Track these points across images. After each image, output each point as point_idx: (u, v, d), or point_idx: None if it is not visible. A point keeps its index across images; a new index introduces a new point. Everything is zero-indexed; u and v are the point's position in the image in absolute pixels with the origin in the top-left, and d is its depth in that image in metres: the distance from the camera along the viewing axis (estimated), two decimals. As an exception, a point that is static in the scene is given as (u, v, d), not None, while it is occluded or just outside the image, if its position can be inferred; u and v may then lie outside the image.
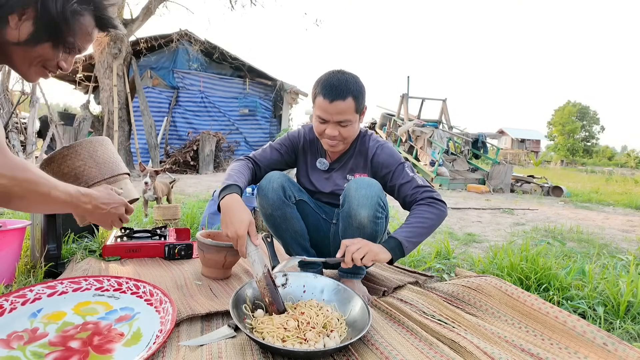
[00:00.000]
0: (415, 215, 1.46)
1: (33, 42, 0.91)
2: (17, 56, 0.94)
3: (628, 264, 2.08)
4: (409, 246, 1.39)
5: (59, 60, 0.98)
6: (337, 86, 1.42)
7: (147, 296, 1.36)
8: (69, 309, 1.27)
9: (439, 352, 1.13)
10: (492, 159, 9.15)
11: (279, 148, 1.70)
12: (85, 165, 1.40)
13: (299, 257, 1.41)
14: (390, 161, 1.57)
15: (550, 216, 4.56)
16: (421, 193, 1.50)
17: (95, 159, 1.43)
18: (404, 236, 1.39)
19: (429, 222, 1.44)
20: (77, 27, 0.96)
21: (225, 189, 1.40)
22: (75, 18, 0.94)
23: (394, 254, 1.37)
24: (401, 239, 1.38)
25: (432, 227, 1.46)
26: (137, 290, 1.39)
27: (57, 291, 1.32)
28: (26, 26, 0.89)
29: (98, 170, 1.42)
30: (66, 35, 0.94)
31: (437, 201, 1.49)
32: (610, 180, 11.82)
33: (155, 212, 2.65)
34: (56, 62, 0.98)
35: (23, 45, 0.91)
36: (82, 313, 1.25)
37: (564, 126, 42.59)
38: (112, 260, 1.95)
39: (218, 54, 10.48)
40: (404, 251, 1.38)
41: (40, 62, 0.96)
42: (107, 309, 1.29)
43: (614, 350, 1.09)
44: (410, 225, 1.43)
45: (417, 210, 1.47)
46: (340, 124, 1.47)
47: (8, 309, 1.19)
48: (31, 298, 1.26)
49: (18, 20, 0.88)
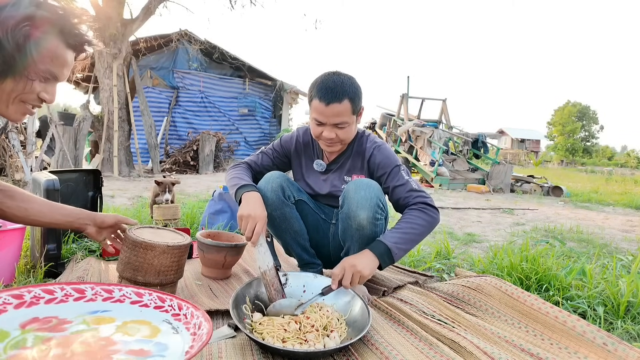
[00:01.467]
0: (406, 220, 1.43)
1: (2, 77, 0.84)
2: None
3: (628, 264, 2.09)
4: (398, 253, 1.37)
5: (38, 92, 0.90)
6: (332, 88, 1.41)
7: (175, 310, 1.05)
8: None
9: (439, 352, 1.13)
10: (492, 159, 9.14)
11: (270, 154, 1.71)
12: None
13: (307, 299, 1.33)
14: (386, 163, 1.56)
15: (550, 216, 4.56)
16: (414, 197, 1.48)
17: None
18: (393, 242, 1.36)
19: (419, 228, 1.42)
20: (40, 52, 0.86)
21: (242, 187, 1.46)
22: (31, 43, 0.84)
23: (382, 260, 1.34)
24: (390, 245, 1.35)
25: (423, 234, 1.44)
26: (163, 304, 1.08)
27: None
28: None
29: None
30: (29, 64, 0.85)
31: (429, 207, 1.46)
32: (610, 180, 11.83)
33: (155, 212, 2.65)
34: (35, 94, 0.90)
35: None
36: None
37: (563, 126, 42.59)
38: (112, 260, 1.95)
39: (218, 54, 10.48)
40: (393, 258, 1.36)
41: (17, 99, 0.89)
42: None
43: (614, 350, 1.09)
44: (400, 231, 1.40)
45: (408, 215, 1.45)
46: (337, 126, 1.46)
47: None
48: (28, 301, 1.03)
49: None
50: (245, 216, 1.34)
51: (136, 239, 1.36)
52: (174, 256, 1.38)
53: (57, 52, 0.89)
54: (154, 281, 1.37)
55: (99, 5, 7.14)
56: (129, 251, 1.37)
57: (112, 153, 7.54)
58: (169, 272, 1.38)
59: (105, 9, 7.11)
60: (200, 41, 10.07)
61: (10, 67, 0.84)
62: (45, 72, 0.88)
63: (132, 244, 1.36)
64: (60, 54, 0.90)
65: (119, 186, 5.87)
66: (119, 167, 7.54)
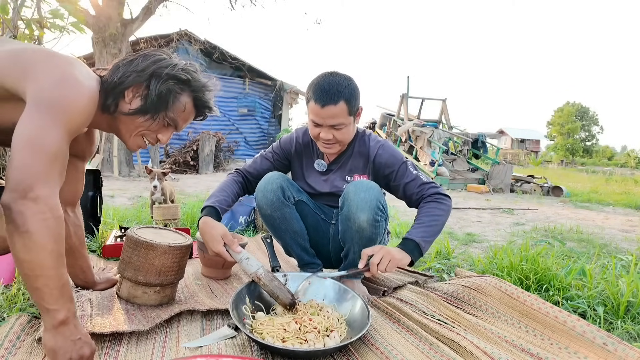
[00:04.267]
0: (426, 214, 1.48)
1: (138, 113, 1.06)
2: (123, 125, 1.09)
3: (628, 264, 2.08)
4: (425, 246, 1.42)
5: (157, 133, 1.11)
6: (328, 90, 1.40)
7: None
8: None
9: (439, 352, 1.13)
10: (492, 159, 9.14)
11: (269, 157, 1.71)
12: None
13: (319, 274, 1.43)
14: (392, 160, 1.57)
15: (550, 216, 4.56)
16: (427, 189, 1.52)
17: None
18: (420, 237, 1.41)
19: (440, 219, 1.48)
20: (174, 104, 1.09)
21: (201, 211, 1.49)
22: (172, 96, 1.08)
23: (413, 256, 1.39)
24: (418, 240, 1.40)
25: (443, 223, 1.50)
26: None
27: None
28: (136, 101, 1.06)
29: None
30: (163, 110, 1.07)
31: (443, 196, 1.52)
32: (610, 180, 11.81)
33: (155, 212, 2.65)
34: (155, 134, 1.11)
35: (130, 115, 1.06)
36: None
37: (562, 126, 42.59)
38: (112, 260, 1.96)
39: (218, 54, 10.48)
40: (422, 251, 1.41)
41: (140, 133, 1.10)
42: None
43: (614, 350, 1.09)
44: (423, 225, 1.45)
45: (426, 208, 1.49)
46: (334, 127, 1.46)
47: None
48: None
49: (132, 96, 1.06)
50: (212, 253, 1.37)
51: (138, 238, 1.36)
52: (175, 257, 1.38)
53: (186, 108, 1.12)
54: (155, 281, 1.37)
55: (99, 5, 7.14)
56: (130, 251, 1.37)
57: (112, 153, 7.55)
58: (169, 273, 1.39)
59: (105, 9, 7.11)
60: (200, 41, 10.08)
61: (149, 108, 1.06)
62: (171, 119, 1.10)
63: (133, 244, 1.36)
64: (187, 111, 1.13)
65: (118, 186, 5.87)
66: (118, 167, 7.54)
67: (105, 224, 2.47)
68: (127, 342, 1.15)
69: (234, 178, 1.66)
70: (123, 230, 2.21)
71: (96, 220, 2.20)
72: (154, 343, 1.16)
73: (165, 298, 1.42)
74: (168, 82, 1.06)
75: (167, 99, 1.07)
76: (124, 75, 1.05)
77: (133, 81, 1.05)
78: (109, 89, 1.05)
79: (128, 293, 1.39)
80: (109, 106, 1.05)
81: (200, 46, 10.06)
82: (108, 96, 1.05)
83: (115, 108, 1.06)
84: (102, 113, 1.06)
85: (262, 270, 1.29)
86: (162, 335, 1.21)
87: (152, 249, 1.34)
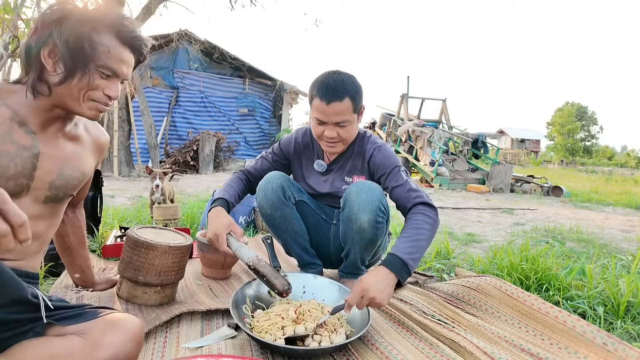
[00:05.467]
0: (413, 227, 1.37)
1: (66, 77, 0.94)
2: (66, 98, 0.97)
3: (628, 264, 2.09)
4: (413, 265, 1.28)
5: (102, 88, 0.98)
6: (333, 87, 1.41)
7: None
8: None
9: (439, 352, 1.13)
10: (492, 159, 9.14)
11: (269, 158, 1.72)
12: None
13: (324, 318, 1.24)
14: (386, 163, 1.55)
15: (550, 216, 4.56)
16: (413, 198, 1.45)
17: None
18: (407, 254, 1.27)
19: (427, 233, 1.36)
20: (95, 49, 0.95)
21: (213, 202, 1.49)
22: (85, 40, 0.93)
23: (401, 276, 1.25)
24: (406, 259, 1.26)
25: (430, 237, 1.38)
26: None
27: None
28: (60, 66, 0.93)
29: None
30: (87, 60, 0.94)
31: (429, 208, 1.42)
32: (610, 180, 11.81)
33: (155, 212, 2.65)
34: (101, 91, 0.98)
35: (63, 84, 0.94)
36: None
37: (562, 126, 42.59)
38: (112, 260, 1.96)
39: (218, 54, 10.48)
40: (410, 271, 1.28)
41: (87, 96, 0.98)
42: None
43: (614, 350, 1.09)
44: (410, 239, 1.33)
45: (413, 221, 1.38)
46: (339, 124, 1.46)
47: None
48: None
49: (52, 63, 0.93)
50: (211, 235, 1.37)
51: (138, 238, 1.36)
52: (175, 257, 1.38)
53: (112, 48, 0.97)
54: (155, 281, 1.37)
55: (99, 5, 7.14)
56: (130, 251, 1.37)
57: (112, 153, 7.54)
58: (169, 273, 1.39)
59: (105, 9, 7.11)
60: (200, 41, 10.07)
61: (74, 64, 0.93)
62: (104, 67, 0.96)
63: (133, 244, 1.36)
64: (115, 51, 0.98)
65: (119, 186, 5.87)
66: (119, 167, 7.54)
67: (105, 224, 2.47)
68: (127, 342, 1.14)
69: (238, 176, 1.68)
70: (123, 230, 2.21)
71: (96, 220, 2.20)
72: (154, 343, 1.16)
73: (165, 298, 1.42)
74: (70, 26, 0.92)
75: (81, 45, 0.93)
76: (27, 44, 0.94)
77: (37, 44, 0.93)
78: (24, 67, 0.95)
79: (128, 293, 1.39)
80: (37, 85, 0.94)
81: (200, 46, 10.05)
82: (28, 75, 0.95)
83: (48, 85, 0.95)
84: (46, 98, 0.96)
85: (258, 257, 1.28)
86: (162, 336, 1.21)
87: (152, 249, 1.34)
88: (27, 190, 0.96)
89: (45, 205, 1.01)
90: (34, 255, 1.02)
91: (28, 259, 1.00)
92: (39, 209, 0.99)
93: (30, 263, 1.01)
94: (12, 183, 0.92)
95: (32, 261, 1.02)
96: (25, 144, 0.94)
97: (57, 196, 1.03)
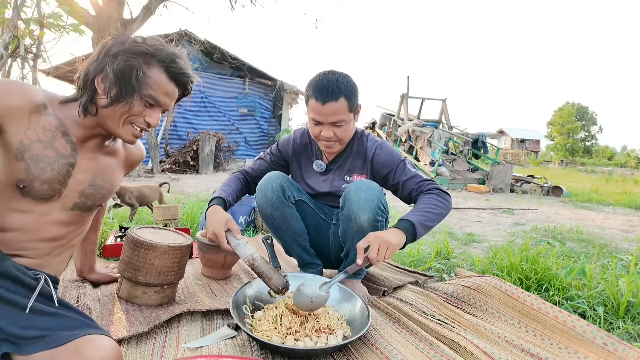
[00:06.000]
0: (424, 202, 1.42)
1: (115, 101, 1.01)
2: (109, 119, 1.04)
3: (628, 264, 2.09)
4: (420, 228, 1.33)
5: (143, 116, 1.06)
6: (328, 87, 1.41)
7: None
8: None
9: (439, 352, 1.13)
10: (492, 159, 9.14)
11: (267, 158, 1.73)
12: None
13: (323, 287, 1.29)
14: (391, 159, 1.57)
15: (550, 216, 4.56)
16: (427, 185, 1.50)
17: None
18: (416, 219, 1.33)
19: (438, 209, 1.41)
20: (143, 81, 1.02)
21: (210, 202, 1.49)
22: (135, 71, 1.01)
23: (408, 236, 1.30)
24: (414, 221, 1.32)
25: (441, 215, 1.42)
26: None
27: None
28: (110, 91, 1.01)
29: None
30: (134, 89, 1.01)
31: (443, 193, 1.48)
32: (610, 180, 11.81)
33: (156, 212, 2.65)
34: (142, 117, 1.06)
35: (109, 107, 1.02)
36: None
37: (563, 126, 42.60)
38: (112, 260, 1.95)
39: (218, 54, 10.48)
40: (416, 232, 1.32)
41: (127, 120, 1.05)
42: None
43: (614, 350, 1.09)
44: (420, 210, 1.38)
45: (425, 199, 1.44)
46: (335, 124, 1.46)
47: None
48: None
49: (103, 87, 1.01)
50: (210, 234, 1.37)
51: (137, 238, 1.36)
52: (175, 257, 1.38)
53: (160, 81, 1.05)
54: (155, 282, 1.37)
55: (99, 5, 7.13)
56: (130, 251, 1.37)
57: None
58: (169, 273, 1.39)
59: (105, 9, 7.11)
60: (201, 41, 10.07)
61: (118, 91, 1.00)
62: (148, 97, 1.04)
63: (133, 244, 1.36)
64: (163, 84, 1.06)
65: (119, 186, 5.86)
66: (119, 167, 7.53)
67: (105, 224, 2.46)
68: (127, 343, 1.15)
69: (236, 176, 1.69)
70: (123, 230, 2.21)
71: (96, 220, 2.20)
72: (154, 343, 1.16)
73: (165, 298, 1.42)
74: (123, 59, 1.00)
75: (129, 76, 1.00)
76: (86, 69, 1.02)
77: (95, 71, 1.01)
78: (80, 88, 1.03)
79: (128, 293, 1.39)
80: (88, 106, 1.03)
81: (200, 46, 10.06)
82: (82, 96, 1.03)
83: (96, 107, 1.03)
84: (92, 117, 1.04)
85: (257, 254, 1.28)
86: (162, 336, 1.21)
87: (152, 249, 1.34)
88: (59, 195, 1.03)
89: (72, 213, 1.07)
90: (52, 257, 1.06)
91: (42, 259, 1.03)
92: (64, 215, 1.06)
93: (50, 265, 1.06)
94: (47, 187, 0.99)
95: (51, 263, 1.06)
96: (64, 152, 1.01)
97: (85, 204, 1.09)
